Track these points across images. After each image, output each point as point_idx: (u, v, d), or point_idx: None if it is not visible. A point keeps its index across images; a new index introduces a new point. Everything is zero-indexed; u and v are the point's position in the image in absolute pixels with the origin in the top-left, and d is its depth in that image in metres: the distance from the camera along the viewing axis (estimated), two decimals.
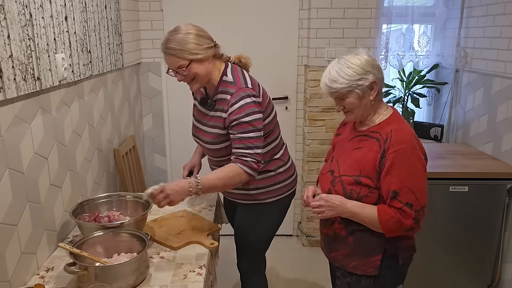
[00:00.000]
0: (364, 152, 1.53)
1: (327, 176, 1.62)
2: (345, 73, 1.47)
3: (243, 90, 1.66)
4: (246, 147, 1.64)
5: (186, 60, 1.61)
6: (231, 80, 1.70)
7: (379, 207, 1.48)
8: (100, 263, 1.40)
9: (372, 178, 1.49)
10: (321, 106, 3.06)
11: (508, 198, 2.39)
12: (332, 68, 1.51)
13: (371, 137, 1.54)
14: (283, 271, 2.94)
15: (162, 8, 3.05)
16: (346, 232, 1.57)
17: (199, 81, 1.68)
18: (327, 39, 2.96)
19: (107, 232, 1.52)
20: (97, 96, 2.15)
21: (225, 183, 1.64)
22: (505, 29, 2.51)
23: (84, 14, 1.93)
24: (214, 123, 1.74)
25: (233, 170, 1.63)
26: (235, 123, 1.64)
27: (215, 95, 1.73)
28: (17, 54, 1.35)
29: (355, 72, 1.46)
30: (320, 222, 1.71)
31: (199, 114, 1.85)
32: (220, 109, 1.71)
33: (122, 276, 1.34)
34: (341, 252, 1.61)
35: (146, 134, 3.26)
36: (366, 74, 1.46)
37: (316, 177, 3.17)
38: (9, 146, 1.33)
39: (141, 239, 1.48)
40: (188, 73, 1.63)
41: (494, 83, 2.62)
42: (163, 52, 1.65)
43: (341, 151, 1.64)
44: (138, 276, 1.38)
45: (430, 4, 3.24)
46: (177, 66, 1.62)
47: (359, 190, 1.50)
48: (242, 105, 1.64)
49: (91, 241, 1.48)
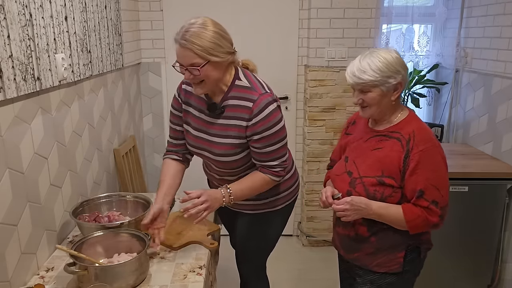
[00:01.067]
0: (385, 152, 1.52)
1: (344, 177, 1.60)
2: (376, 67, 1.45)
3: (265, 97, 1.55)
4: (275, 158, 1.61)
5: (202, 60, 1.45)
6: (248, 85, 1.58)
7: (404, 206, 1.49)
8: (98, 264, 1.40)
9: (395, 178, 1.49)
10: (321, 106, 3.06)
11: (508, 198, 2.39)
12: (363, 59, 1.48)
13: (391, 137, 1.53)
14: (283, 271, 2.94)
15: (162, 8, 3.05)
16: (369, 233, 1.57)
17: (207, 85, 1.53)
18: (327, 39, 2.96)
19: (107, 232, 1.52)
20: (97, 96, 2.15)
21: (253, 193, 1.64)
22: (505, 29, 2.51)
23: (84, 14, 1.93)
24: (229, 132, 1.59)
25: (262, 179, 1.62)
26: (260, 136, 1.55)
27: (224, 101, 1.59)
28: (17, 54, 1.35)
29: (387, 68, 1.45)
30: (336, 223, 1.70)
31: (201, 123, 1.66)
32: (238, 116, 1.57)
33: (122, 276, 1.34)
34: (364, 251, 1.60)
35: (146, 134, 3.26)
36: (396, 73, 1.46)
37: (316, 177, 3.19)
38: (9, 146, 1.33)
39: (141, 239, 1.48)
40: (200, 74, 1.47)
41: (494, 83, 2.62)
42: (178, 43, 1.45)
43: (357, 152, 1.62)
44: (138, 276, 1.38)
45: (430, 4, 3.24)
46: (191, 63, 1.45)
47: (383, 191, 1.50)
48: (267, 115, 1.53)
49: (91, 241, 1.48)
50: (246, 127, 1.57)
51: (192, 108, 1.69)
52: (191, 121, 1.69)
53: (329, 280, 2.87)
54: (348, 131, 1.75)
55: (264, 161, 1.62)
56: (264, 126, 1.55)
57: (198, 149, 1.70)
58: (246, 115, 1.55)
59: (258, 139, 1.57)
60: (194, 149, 1.72)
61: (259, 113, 1.54)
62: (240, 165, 1.67)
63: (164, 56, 3.13)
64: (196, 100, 1.67)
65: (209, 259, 1.61)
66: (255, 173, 1.65)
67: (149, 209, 1.62)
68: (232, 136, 1.60)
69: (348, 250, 1.67)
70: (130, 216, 1.77)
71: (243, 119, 1.56)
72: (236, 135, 1.59)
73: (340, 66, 3.01)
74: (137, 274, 1.37)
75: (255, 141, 1.58)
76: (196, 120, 1.68)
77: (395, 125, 1.55)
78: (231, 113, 1.59)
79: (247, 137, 1.59)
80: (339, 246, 1.73)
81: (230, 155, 1.62)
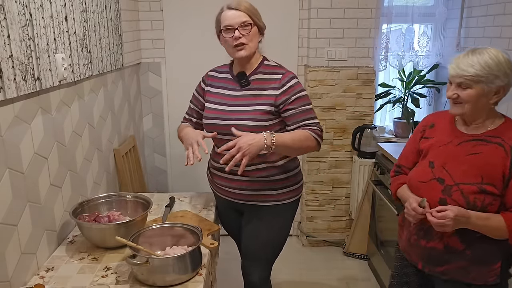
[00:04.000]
0: (484, 157, 1.44)
1: (434, 185, 1.51)
2: (486, 64, 1.38)
3: (291, 73, 1.78)
4: (312, 117, 1.74)
5: (251, 20, 1.70)
6: (276, 64, 1.83)
7: (505, 216, 1.41)
8: (154, 256, 1.46)
9: (496, 186, 1.41)
10: (321, 106, 3.06)
11: None
12: (473, 53, 1.42)
13: (489, 142, 1.45)
14: (283, 271, 2.94)
15: (162, 8, 3.05)
16: (463, 244, 1.48)
17: (249, 48, 1.72)
18: (327, 39, 2.97)
19: (161, 225, 1.60)
20: (97, 96, 2.15)
21: (297, 146, 1.67)
22: (505, 29, 2.51)
23: (84, 14, 1.93)
24: (261, 101, 1.74)
25: (305, 134, 1.68)
26: (294, 97, 1.72)
27: (253, 75, 1.78)
28: (17, 54, 1.35)
29: (497, 68, 1.38)
30: (416, 233, 1.59)
31: (230, 98, 1.80)
32: (267, 87, 1.75)
33: (179, 267, 1.39)
34: (455, 265, 1.50)
35: (146, 134, 3.27)
36: (504, 75, 1.39)
37: (316, 177, 3.19)
38: (9, 146, 1.33)
39: (194, 233, 1.54)
40: (250, 32, 1.70)
41: None
42: (231, 8, 1.71)
43: (447, 157, 1.52)
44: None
45: (430, 4, 3.24)
46: (243, 21, 1.69)
47: (483, 199, 1.42)
48: (295, 83, 1.75)
49: (147, 234, 1.54)
50: (277, 95, 1.73)
51: (215, 88, 1.87)
52: (212, 99, 1.85)
53: (329, 280, 2.87)
54: (426, 134, 1.64)
55: (302, 120, 1.72)
56: (295, 90, 1.73)
57: (215, 120, 1.79)
58: (276, 85, 1.74)
59: (292, 101, 1.72)
60: (210, 120, 1.82)
61: (288, 81, 1.74)
62: None
63: (164, 56, 3.13)
64: (221, 81, 1.86)
65: (209, 259, 1.61)
66: (297, 130, 1.71)
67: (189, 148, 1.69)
68: (264, 104, 1.73)
69: (433, 264, 1.55)
70: (130, 216, 1.77)
71: (274, 89, 1.74)
72: (266, 102, 1.73)
73: (340, 66, 3.01)
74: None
75: (290, 103, 1.72)
76: (218, 96, 1.83)
77: (494, 130, 1.47)
78: (260, 85, 1.77)
79: (279, 104, 1.72)
80: (418, 259, 1.61)
81: (262, 120, 1.72)
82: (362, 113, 3.10)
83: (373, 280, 2.87)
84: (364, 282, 2.86)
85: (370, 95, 3.08)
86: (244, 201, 1.85)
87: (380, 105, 3.27)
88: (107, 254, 1.60)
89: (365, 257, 3.11)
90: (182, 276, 1.40)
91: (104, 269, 1.50)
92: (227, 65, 1.90)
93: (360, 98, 3.07)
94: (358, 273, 2.96)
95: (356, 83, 3.05)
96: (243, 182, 1.80)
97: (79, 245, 1.67)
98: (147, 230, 1.55)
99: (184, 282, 1.41)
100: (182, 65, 3.14)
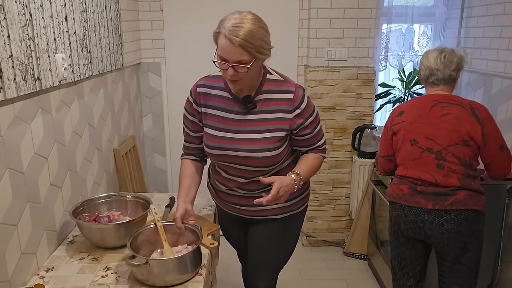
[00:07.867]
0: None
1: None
2: None
3: (300, 87, 1.58)
4: (322, 136, 1.70)
5: (251, 57, 1.39)
6: (280, 78, 1.59)
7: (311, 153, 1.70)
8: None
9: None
10: (321, 106, 3.06)
11: (508, 198, 2.39)
12: None
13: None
14: (283, 271, 2.93)
15: (162, 8, 3.05)
16: None
17: (246, 82, 1.49)
18: (327, 39, 2.96)
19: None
20: (97, 96, 2.15)
21: (314, 172, 1.67)
22: (505, 29, 2.51)
23: (84, 14, 1.93)
24: (272, 126, 1.55)
25: (318, 158, 1.68)
26: (310, 120, 1.60)
27: (258, 95, 1.55)
28: (17, 54, 1.35)
29: None
30: None
31: (227, 123, 1.57)
32: (278, 109, 1.55)
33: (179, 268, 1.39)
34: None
35: (146, 134, 3.27)
36: None
37: (315, 177, 3.18)
38: (9, 146, 1.33)
39: (193, 231, 1.55)
40: (247, 72, 1.41)
41: (494, 83, 2.62)
42: (227, 38, 1.37)
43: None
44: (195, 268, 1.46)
45: (430, 4, 3.24)
46: (239, 60, 1.39)
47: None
48: (307, 102, 1.58)
49: (146, 233, 1.54)
50: (290, 119, 1.57)
51: (213, 109, 1.60)
52: (211, 123, 1.61)
53: (329, 280, 2.87)
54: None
55: (314, 143, 1.67)
56: (309, 113, 1.59)
57: (222, 150, 1.58)
58: (289, 107, 1.56)
59: (307, 125, 1.60)
60: (216, 151, 1.60)
61: (301, 103, 1.57)
62: (277, 161, 1.61)
63: (164, 56, 3.13)
64: (217, 100, 1.60)
65: (209, 259, 1.61)
66: (307, 155, 1.68)
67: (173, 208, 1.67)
68: (273, 130, 1.56)
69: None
70: (130, 216, 1.77)
71: (286, 111, 1.56)
72: (278, 128, 1.56)
73: (340, 66, 3.01)
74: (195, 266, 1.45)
75: (305, 128, 1.61)
76: (219, 120, 1.59)
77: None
78: (269, 107, 1.56)
79: (293, 129, 1.59)
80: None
81: (270, 150, 1.56)
82: (362, 113, 3.10)
83: (373, 280, 2.87)
84: (364, 282, 2.85)
85: (370, 95, 3.08)
86: (255, 216, 1.73)
87: (380, 105, 3.27)
88: (107, 254, 1.60)
89: (365, 257, 3.11)
90: (182, 276, 1.40)
91: (104, 269, 1.50)
92: (219, 77, 1.59)
93: (360, 98, 3.08)
94: (358, 273, 2.96)
95: (356, 83, 3.05)
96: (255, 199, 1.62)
97: (79, 245, 1.67)
98: (147, 229, 1.55)
99: (184, 282, 1.41)
100: (182, 65, 3.14)
